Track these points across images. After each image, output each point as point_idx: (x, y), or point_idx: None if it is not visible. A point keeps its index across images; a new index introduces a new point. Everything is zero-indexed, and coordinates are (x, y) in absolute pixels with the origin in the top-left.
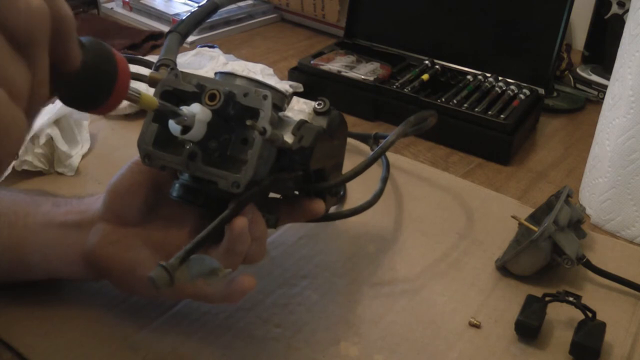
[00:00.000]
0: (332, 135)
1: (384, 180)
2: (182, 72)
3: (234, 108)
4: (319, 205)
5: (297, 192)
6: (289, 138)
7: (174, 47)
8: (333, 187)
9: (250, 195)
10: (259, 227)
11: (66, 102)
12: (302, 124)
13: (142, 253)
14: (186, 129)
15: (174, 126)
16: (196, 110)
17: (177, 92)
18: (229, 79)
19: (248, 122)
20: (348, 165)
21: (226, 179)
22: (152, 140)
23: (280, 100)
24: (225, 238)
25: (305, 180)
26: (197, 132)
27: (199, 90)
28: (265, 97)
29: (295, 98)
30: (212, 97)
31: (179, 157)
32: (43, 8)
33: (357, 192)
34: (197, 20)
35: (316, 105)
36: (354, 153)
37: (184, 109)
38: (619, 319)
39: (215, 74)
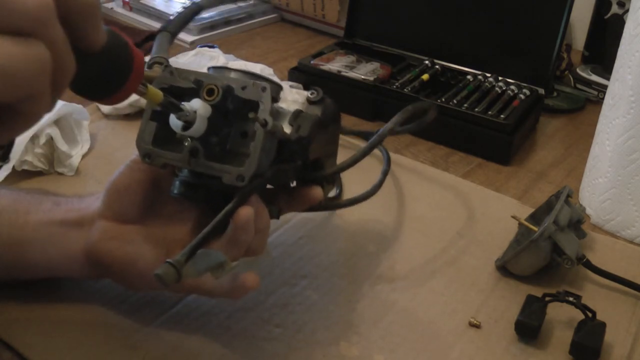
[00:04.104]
0: (327, 123)
1: (385, 172)
2: (176, 68)
3: (232, 102)
4: (317, 192)
5: (294, 182)
6: (286, 128)
7: (165, 45)
8: (330, 175)
9: (252, 187)
10: (263, 218)
11: (77, 88)
12: (298, 113)
13: (143, 247)
14: (187, 125)
15: (175, 122)
16: (197, 106)
17: (173, 89)
18: (224, 73)
19: (251, 115)
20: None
21: (230, 173)
22: (151, 139)
23: (276, 92)
24: (230, 228)
25: (304, 170)
26: (199, 127)
27: (196, 85)
28: (264, 89)
29: (287, 88)
30: (211, 92)
31: (179, 154)
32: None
33: (356, 188)
34: (185, 20)
35: (309, 95)
36: (354, 150)
37: (185, 104)
38: (619, 319)
39: (208, 69)
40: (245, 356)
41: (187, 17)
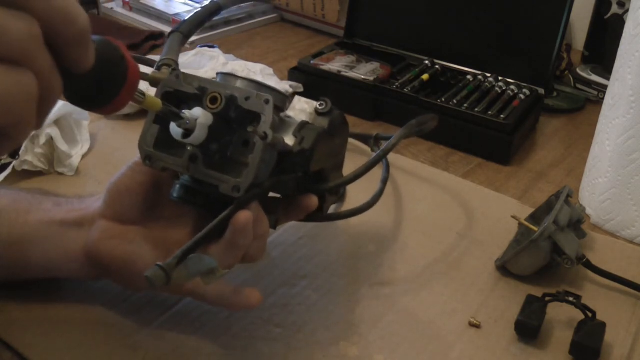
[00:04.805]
0: (333, 135)
1: (384, 181)
2: (183, 73)
3: (235, 111)
4: (311, 201)
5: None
6: (290, 140)
7: (176, 47)
8: (333, 189)
9: (250, 197)
10: (262, 225)
11: (71, 100)
12: (303, 125)
13: (143, 247)
14: (188, 133)
15: (175, 130)
16: (198, 114)
17: (178, 93)
18: (230, 80)
19: (250, 129)
20: (349, 165)
21: (227, 183)
22: (153, 142)
23: (282, 102)
24: (228, 231)
25: (305, 181)
26: (199, 136)
27: (200, 92)
28: (267, 101)
29: (297, 97)
30: (214, 101)
31: (180, 159)
32: (24, 31)
33: (357, 192)
34: (199, 21)
35: (318, 106)
36: (355, 153)
37: (186, 112)
38: (619, 319)
39: (217, 74)
40: (245, 356)
41: (202, 17)
